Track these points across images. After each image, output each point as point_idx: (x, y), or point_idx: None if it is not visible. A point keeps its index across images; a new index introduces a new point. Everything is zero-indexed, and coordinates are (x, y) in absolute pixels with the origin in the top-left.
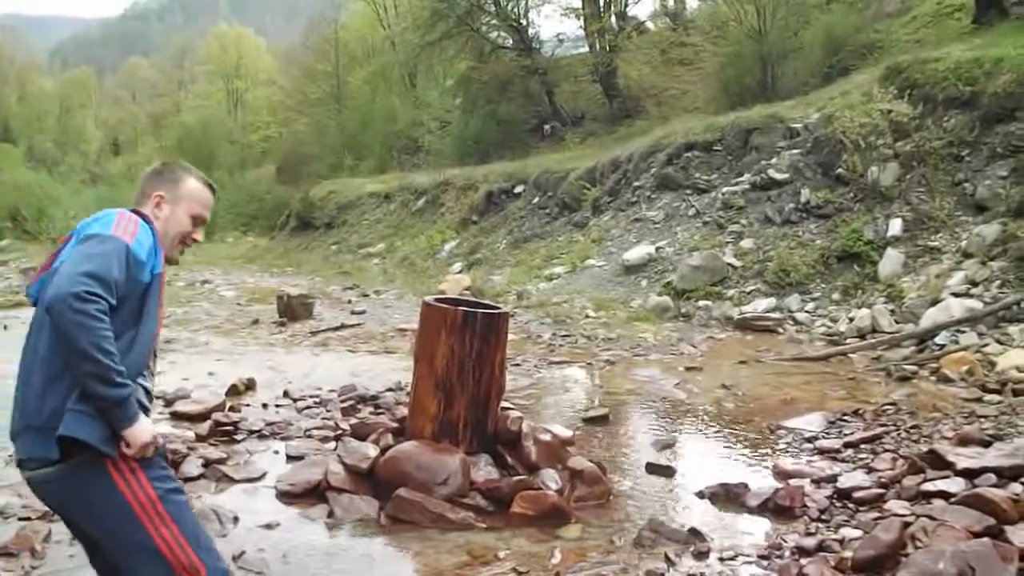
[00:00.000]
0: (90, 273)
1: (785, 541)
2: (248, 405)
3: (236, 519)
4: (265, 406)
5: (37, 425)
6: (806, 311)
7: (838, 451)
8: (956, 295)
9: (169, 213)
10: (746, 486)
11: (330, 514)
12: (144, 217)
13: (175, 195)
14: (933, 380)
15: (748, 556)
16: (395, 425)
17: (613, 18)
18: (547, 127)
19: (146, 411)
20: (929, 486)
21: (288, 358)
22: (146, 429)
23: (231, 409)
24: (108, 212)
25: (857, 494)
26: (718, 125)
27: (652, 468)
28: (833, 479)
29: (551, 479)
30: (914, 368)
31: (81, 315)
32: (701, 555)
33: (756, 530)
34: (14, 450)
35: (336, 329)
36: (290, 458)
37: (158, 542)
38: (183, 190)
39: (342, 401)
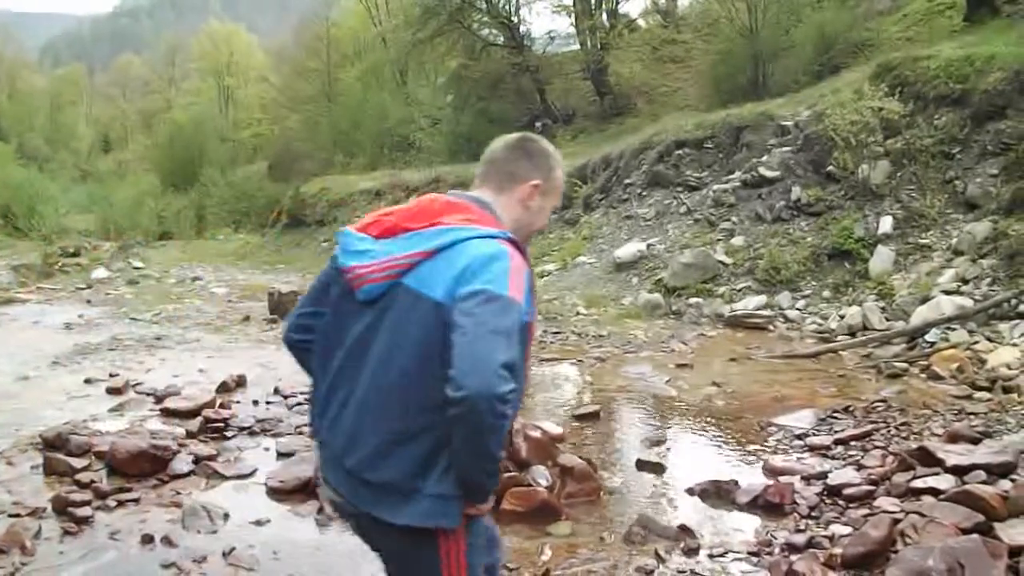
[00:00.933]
0: (509, 366)
1: (775, 538)
2: (239, 402)
3: (227, 516)
4: (256, 403)
5: (368, 480)
6: (797, 308)
7: (828, 448)
8: (947, 292)
9: (539, 206)
10: (736, 483)
11: (320, 510)
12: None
13: (550, 186)
14: (923, 377)
15: (738, 553)
16: None
17: (604, 15)
18: (538, 124)
19: None
20: (919, 483)
21: (279, 355)
22: (491, 498)
23: (221, 406)
24: (500, 252)
25: (847, 491)
26: (709, 123)
27: (642, 465)
28: (823, 476)
29: (541, 476)
30: (904, 365)
31: (501, 419)
32: (691, 552)
33: (746, 527)
34: (331, 475)
35: None
36: (280, 455)
37: None
38: (556, 181)
39: None
